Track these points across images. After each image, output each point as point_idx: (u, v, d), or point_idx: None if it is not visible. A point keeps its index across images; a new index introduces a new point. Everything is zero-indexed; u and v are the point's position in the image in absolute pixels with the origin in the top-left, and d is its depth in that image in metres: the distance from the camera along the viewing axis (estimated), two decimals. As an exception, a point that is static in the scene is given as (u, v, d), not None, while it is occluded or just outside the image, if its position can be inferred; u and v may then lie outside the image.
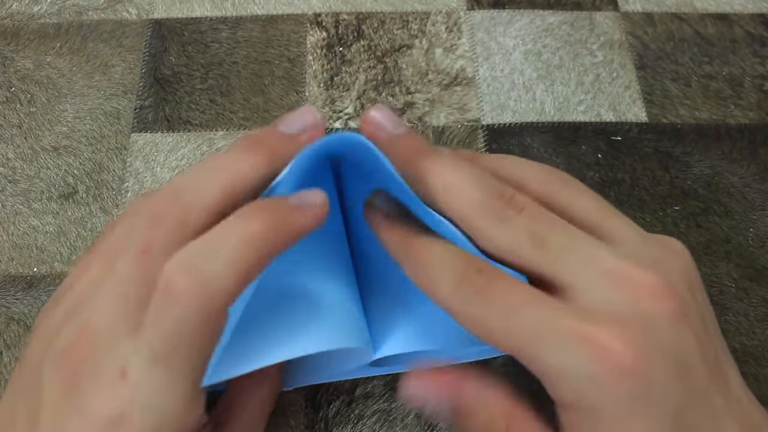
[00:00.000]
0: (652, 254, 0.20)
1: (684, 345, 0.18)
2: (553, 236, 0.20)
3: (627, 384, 0.17)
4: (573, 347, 0.18)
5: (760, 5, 0.39)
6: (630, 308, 0.18)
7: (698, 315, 0.20)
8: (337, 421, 0.28)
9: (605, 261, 0.19)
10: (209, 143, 0.34)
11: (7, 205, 0.32)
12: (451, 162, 0.21)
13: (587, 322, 0.18)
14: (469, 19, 0.38)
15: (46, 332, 0.20)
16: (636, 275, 0.19)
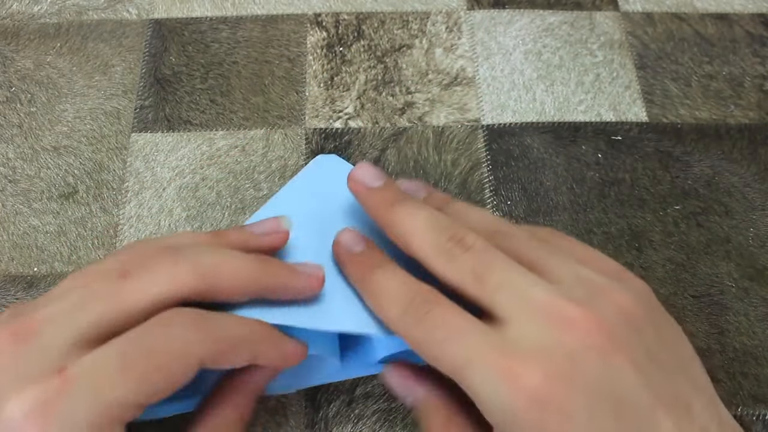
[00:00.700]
0: (590, 291, 0.21)
1: (616, 378, 0.19)
2: (492, 273, 0.22)
3: (542, 415, 0.19)
4: (494, 377, 0.19)
5: (760, 5, 0.39)
6: (555, 342, 0.20)
7: (640, 348, 0.20)
8: (337, 421, 0.28)
9: (537, 296, 0.21)
10: (209, 143, 0.34)
11: (8, 205, 0.32)
12: (412, 210, 0.24)
13: (510, 354, 0.19)
14: (469, 19, 0.38)
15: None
16: (564, 310, 0.20)
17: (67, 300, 0.20)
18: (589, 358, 0.19)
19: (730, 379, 0.29)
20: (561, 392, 0.19)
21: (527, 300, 0.21)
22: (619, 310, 0.21)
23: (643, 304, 0.22)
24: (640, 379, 0.19)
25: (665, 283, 0.31)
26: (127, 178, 0.33)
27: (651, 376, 0.20)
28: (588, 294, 0.21)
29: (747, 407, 0.28)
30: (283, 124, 0.34)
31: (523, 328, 0.20)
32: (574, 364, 0.19)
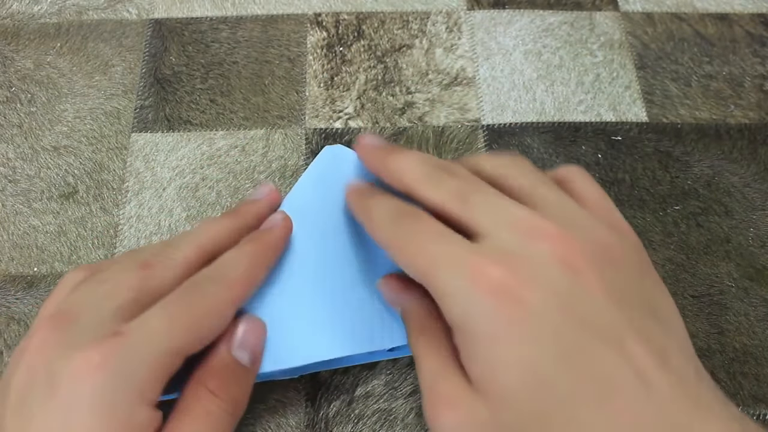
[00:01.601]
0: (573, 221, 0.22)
1: (582, 295, 0.20)
2: (475, 195, 0.23)
3: (505, 309, 0.19)
4: (460, 273, 0.20)
5: (760, 5, 0.39)
6: (527, 249, 0.20)
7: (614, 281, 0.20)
8: (337, 421, 0.28)
9: (515, 214, 0.21)
10: (209, 143, 0.34)
11: (8, 205, 0.32)
12: (406, 153, 0.25)
13: (478, 255, 0.20)
14: (469, 19, 0.38)
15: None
16: (541, 226, 0.21)
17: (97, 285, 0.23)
18: (557, 268, 0.20)
19: (730, 379, 0.29)
20: (521, 287, 0.19)
21: (506, 216, 0.21)
22: (599, 242, 0.21)
23: (628, 248, 0.22)
24: (608, 304, 0.20)
25: (665, 283, 0.31)
26: (127, 178, 0.33)
27: (623, 306, 0.20)
28: (570, 222, 0.21)
29: (747, 407, 0.28)
30: (283, 124, 0.34)
31: (496, 239, 0.21)
32: (541, 268, 0.20)
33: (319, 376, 0.29)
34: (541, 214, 0.21)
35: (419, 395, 0.28)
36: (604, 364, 0.19)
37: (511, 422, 0.19)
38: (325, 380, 0.28)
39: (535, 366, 0.19)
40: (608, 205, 0.24)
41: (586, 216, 0.22)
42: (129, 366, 0.21)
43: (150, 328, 0.21)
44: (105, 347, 0.20)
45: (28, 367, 0.21)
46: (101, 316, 0.22)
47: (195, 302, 0.23)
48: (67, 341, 0.21)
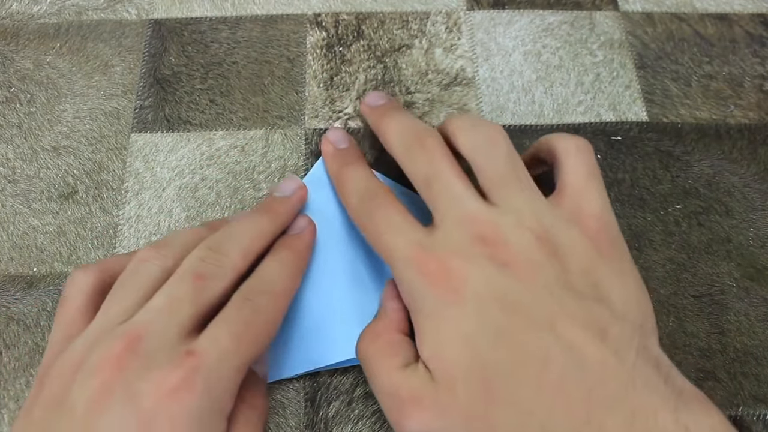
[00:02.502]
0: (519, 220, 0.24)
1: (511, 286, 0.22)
2: (438, 182, 0.25)
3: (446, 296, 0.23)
4: (408, 265, 0.24)
5: (760, 5, 0.39)
6: (466, 250, 0.23)
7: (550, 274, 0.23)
8: (337, 421, 0.28)
9: (467, 210, 0.24)
10: (209, 143, 0.34)
11: (7, 205, 0.32)
12: (396, 115, 0.29)
13: (424, 251, 0.24)
14: (468, 20, 0.38)
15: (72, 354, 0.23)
16: (483, 228, 0.24)
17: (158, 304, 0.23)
18: (489, 265, 0.23)
19: (731, 379, 0.29)
20: (455, 282, 0.23)
21: (458, 210, 0.24)
22: (542, 239, 0.23)
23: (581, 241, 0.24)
24: (539, 292, 0.22)
25: (665, 283, 0.31)
26: (126, 178, 0.33)
27: (556, 293, 0.22)
28: (516, 224, 0.24)
29: (748, 407, 0.28)
30: (282, 124, 0.34)
31: (444, 234, 0.24)
32: (474, 265, 0.23)
33: (319, 376, 0.28)
34: (489, 216, 0.24)
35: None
36: (537, 343, 0.21)
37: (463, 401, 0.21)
38: (325, 380, 0.28)
39: (475, 343, 0.22)
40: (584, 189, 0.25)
41: (544, 213, 0.24)
42: (209, 386, 0.21)
43: (221, 347, 0.22)
44: (184, 368, 0.21)
45: (101, 382, 0.21)
46: (169, 334, 0.22)
47: (253, 318, 0.24)
48: (141, 360, 0.21)
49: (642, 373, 0.21)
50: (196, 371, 0.21)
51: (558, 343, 0.21)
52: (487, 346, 0.22)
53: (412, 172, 0.26)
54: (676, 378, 0.21)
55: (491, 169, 0.26)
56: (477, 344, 0.22)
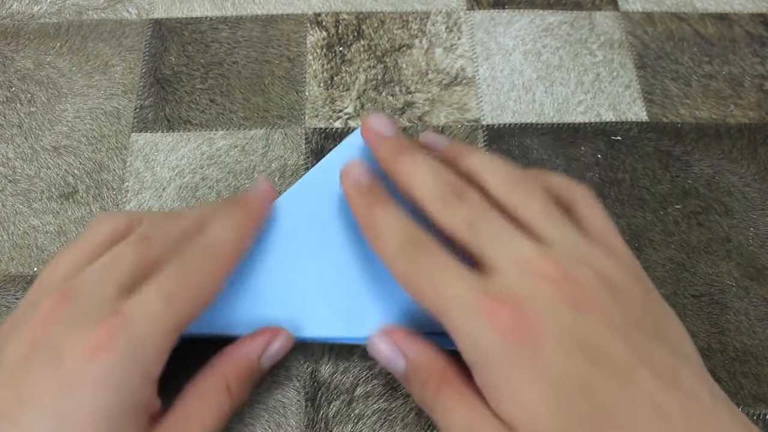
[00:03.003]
0: (575, 256, 0.23)
1: (589, 329, 0.21)
2: (485, 224, 0.23)
3: (520, 348, 0.20)
4: (474, 314, 0.21)
5: (760, 5, 0.39)
6: (534, 292, 0.21)
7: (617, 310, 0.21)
8: (337, 421, 0.28)
9: (522, 251, 0.22)
10: (209, 143, 0.34)
11: (7, 205, 0.32)
12: (417, 159, 0.25)
13: (490, 295, 0.21)
14: (469, 19, 0.38)
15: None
16: (545, 267, 0.22)
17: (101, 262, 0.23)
18: (562, 309, 0.21)
19: (731, 379, 0.29)
20: (534, 331, 0.21)
21: (513, 253, 0.22)
22: (600, 275, 0.22)
23: (631, 278, 0.23)
24: (615, 335, 0.21)
25: (665, 283, 0.31)
26: (127, 178, 0.33)
27: (629, 336, 0.21)
28: (572, 258, 0.22)
29: (748, 407, 0.28)
30: (283, 123, 0.34)
31: (505, 277, 0.22)
32: (548, 310, 0.21)
33: (319, 376, 0.28)
34: (547, 254, 0.22)
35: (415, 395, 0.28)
36: (621, 395, 0.20)
37: None
38: (325, 380, 0.28)
39: (563, 397, 0.20)
40: (610, 232, 0.25)
41: (590, 249, 0.23)
42: (133, 347, 0.21)
43: (150, 307, 0.22)
44: (108, 327, 0.21)
45: (29, 339, 0.21)
46: (103, 292, 0.22)
47: (189, 278, 0.23)
48: (70, 317, 0.21)
49: (718, 411, 0.21)
50: (119, 330, 0.21)
51: (636, 392, 0.20)
52: (575, 400, 0.20)
53: (449, 219, 0.24)
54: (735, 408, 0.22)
55: (531, 209, 0.24)
56: (565, 398, 0.20)
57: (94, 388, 0.20)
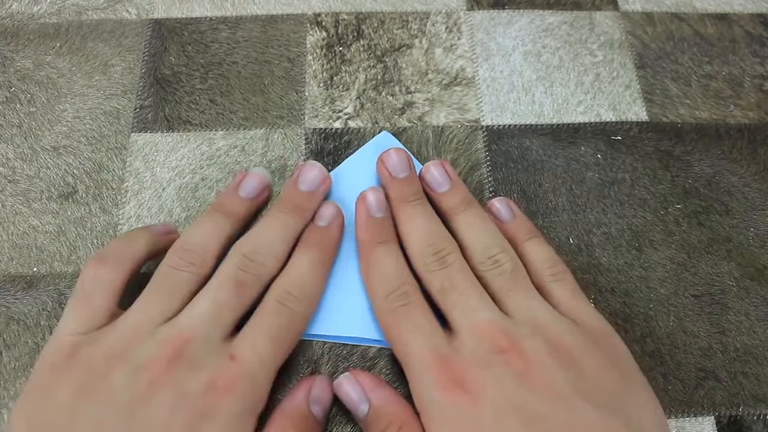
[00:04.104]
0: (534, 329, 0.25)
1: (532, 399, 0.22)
2: (455, 292, 0.26)
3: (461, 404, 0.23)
4: (424, 372, 0.24)
5: (760, 5, 0.39)
6: (484, 359, 0.24)
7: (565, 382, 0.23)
8: (337, 421, 0.28)
9: (480, 320, 0.25)
10: (209, 143, 0.34)
11: (7, 205, 0.32)
12: (417, 215, 0.29)
13: (443, 359, 0.24)
14: (468, 20, 0.38)
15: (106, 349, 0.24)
16: (495, 335, 0.24)
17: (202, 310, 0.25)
18: (506, 376, 0.23)
19: (731, 379, 0.29)
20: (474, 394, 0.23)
21: (473, 321, 0.25)
22: (553, 346, 0.24)
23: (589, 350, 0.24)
24: (556, 403, 0.22)
25: (666, 283, 0.31)
26: (126, 178, 0.33)
27: (572, 404, 0.22)
28: (527, 329, 0.25)
29: (748, 407, 0.28)
30: (282, 124, 0.34)
31: (462, 342, 0.25)
32: (492, 377, 0.23)
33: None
34: (502, 324, 0.25)
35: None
36: None
37: None
38: (325, 380, 0.28)
39: None
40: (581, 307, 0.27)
41: (550, 321, 0.25)
42: (249, 389, 0.24)
43: (260, 352, 0.24)
44: (228, 372, 0.24)
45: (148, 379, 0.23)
46: (213, 338, 0.24)
47: (289, 324, 0.26)
48: (188, 363, 0.23)
49: None
50: (240, 376, 0.24)
51: None
52: None
53: (428, 280, 0.27)
54: None
55: (501, 280, 0.27)
56: None
57: (217, 427, 0.22)
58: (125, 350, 0.24)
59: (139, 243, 0.28)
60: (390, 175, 0.30)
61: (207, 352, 0.24)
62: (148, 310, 0.25)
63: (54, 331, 0.25)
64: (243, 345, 0.25)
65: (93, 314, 0.25)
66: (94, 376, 0.23)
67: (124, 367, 0.23)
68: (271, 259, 0.27)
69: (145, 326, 0.25)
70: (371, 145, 0.33)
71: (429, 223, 0.28)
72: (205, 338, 0.24)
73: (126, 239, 0.28)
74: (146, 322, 0.25)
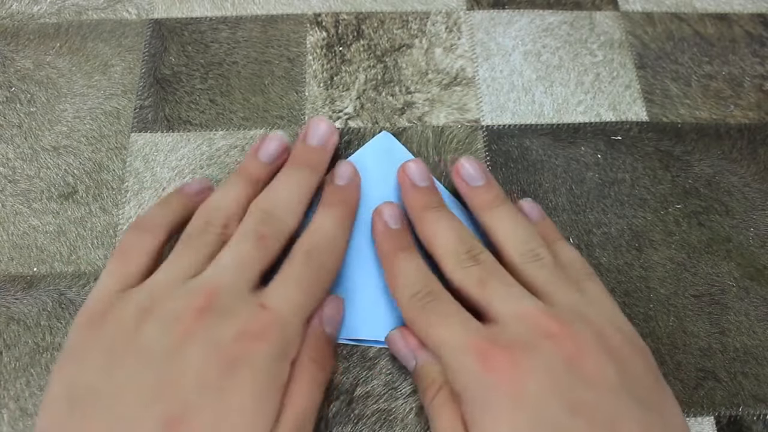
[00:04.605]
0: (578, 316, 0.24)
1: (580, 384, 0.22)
2: (493, 281, 0.26)
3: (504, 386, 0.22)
4: (467, 352, 0.23)
5: (760, 5, 0.39)
6: (530, 340, 0.23)
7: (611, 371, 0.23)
8: (337, 421, 0.28)
9: (526, 306, 0.24)
10: (209, 143, 0.34)
11: (7, 205, 0.32)
12: (441, 217, 0.28)
13: (486, 339, 0.23)
14: (468, 19, 0.38)
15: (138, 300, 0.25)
16: (543, 320, 0.24)
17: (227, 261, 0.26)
18: (555, 360, 0.22)
19: (731, 379, 0.29)
20: (522, 375, 0.22)
21: (517, 307, 0.25)
22: (600, 336, 0.24)
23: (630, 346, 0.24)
24: (603, 391, 0.22)
25: (666, 283, 0.31)
26: (126, 178, 0.33)
27: (618, 395, 0.22)
28: (574, 317, 0.24)
29: (748, 407, 0.28)
30: (282, 124, 0.34)
31: (507, 327, 0.24)
32: (541, 359, 0.23)
33: (319, 376, 0.28)
34: (549, 310, 0.24)
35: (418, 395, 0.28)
36: None
37: None
38: (325, 380, 0.28)
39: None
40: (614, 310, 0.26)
41: (593, 314, 0.25)
42: (282, 336, 0.24)
43: (290, 301, 0.25)
44: (260, 320, 0.24)
45: (181, 331, 0.23)
46: (240, 289, 0.25)
47: (319, 275, 0.27)
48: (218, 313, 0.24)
49: None
50: (273, 323, 0.24)
51: None
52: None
53: (462, 277, 0.26)
54: None
55: (540, 276, 0.26)
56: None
57: (253, 373, 0.23)
58: (155, 305, 0.24)
59: (175, 209, 0.29)
60: (412, 184, 0.30)
61: (236, 302, 0.24)
62: (176, 267, 0.26)
63: (90, 293, 0.26)
64: (273, 294, 0.25)
65: (129, 274, 0.26)
66: (126, 332, 0.24)
67: (155, 321, 0.24)
68: (289, 213, 0.28)
69: (173, 282, 0.25)
70: (371, 145, 0.33)
71: (456, 224, 0.28)
72: (233, 288, 0.25)
73: (163, 206, 0.29)
74: (174, 278, 0.26)
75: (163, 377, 0.22)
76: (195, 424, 0.21)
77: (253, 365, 0.23)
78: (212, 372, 0.22)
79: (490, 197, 0.29)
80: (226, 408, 0.22)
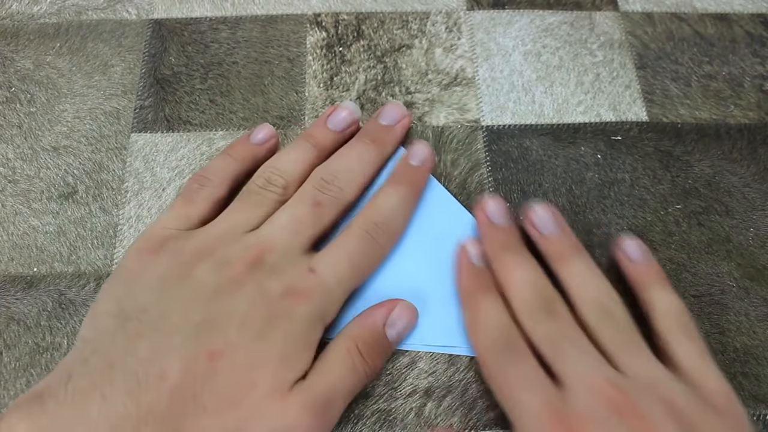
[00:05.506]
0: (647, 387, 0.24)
1: None
2: (565, 343, 0.25)
3: None
4: (543, 425, 0.23)
5: (760, 5, 0.39)
6: (597, 415, 0.23)
7: None
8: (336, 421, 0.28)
9: (595, 375, 0.24)
10: (209, 143, 0.34)
11: (7, 205, 0.32)
12: (519, 263, 0.28)
13: (558, 415, 0.23)
14: (468, 20, 0.38)
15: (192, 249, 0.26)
16: (611, 392, 0.23)
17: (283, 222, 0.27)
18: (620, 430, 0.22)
19: (731, 379, 0.29)
20: None
21: (587, 375, 0.24)
22: (671, 410, 0.23)
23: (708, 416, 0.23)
24: None
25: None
26: (126, 178, 0.33)
27: None
28: (644, 390, 0.24)
29: (748, 407, 0.28)
30: (282, 124, 0.34)
31: (575, 397, 0.23)
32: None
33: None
34: (619, 382, 0.24)
35: (418, 395, 0.28)
36: None
37: None
38: (325, 380, 0.28)
39: None
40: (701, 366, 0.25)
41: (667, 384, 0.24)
42: (324, 301, 0.25)
43: (339, 271, 0.26)
44: (307, 281, 0.25)
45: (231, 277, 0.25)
46: (292, 250, 0.26)
47: (369, 251, 0.27)
48: (269, 267, 0.25)
49: None
50: (317, 286, 0.25)
51: None
52: None
53: (535, 330, 0.26)
54: None
55: (616, 337, 0.26)
56: None
57: (292, 328, 0.24)
58: (211, 248, 0.26)
59: (240, 160, 0.30)
60: (489, 222, 0.29)
61: (286, 261, 0.26)
62: (235, 219, 0.27)
63: (149, 225, 0.28)
64: (322, 262, 0.26)
65: (189, 216, 0.28)
66: (181, 265, 0.25)
67: (210, 262, 0.25)
68: (349, 184, 0.29)
69: (230, 232, 0.27)
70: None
71: (535, 272, 0.28)
72: (285, 248, 0.26)
73: (227, 159, 0.30)
74: (232, 229, 0.27)
75: (210, 313, 0.24)
76: (231, 362, 0.23)
77: (292, 321, 0.24)
78: (256, 320, 0.24)
79: (565, 247, 0.29)
80: (261, 355, 0.23)
